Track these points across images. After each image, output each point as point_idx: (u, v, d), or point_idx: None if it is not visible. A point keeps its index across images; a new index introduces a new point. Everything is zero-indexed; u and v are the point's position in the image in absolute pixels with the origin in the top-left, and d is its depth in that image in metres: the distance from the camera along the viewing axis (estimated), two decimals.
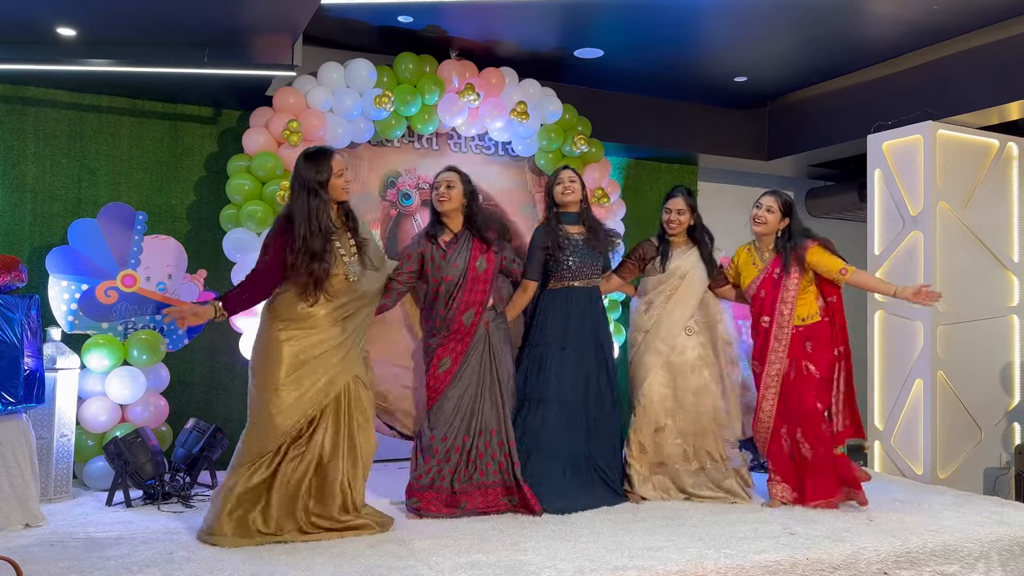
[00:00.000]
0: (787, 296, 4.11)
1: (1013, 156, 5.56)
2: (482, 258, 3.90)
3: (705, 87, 6.10)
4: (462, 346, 3.85)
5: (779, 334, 4.12)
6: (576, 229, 4.19)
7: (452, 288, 3.83)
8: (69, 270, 4.48)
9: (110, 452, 4.07)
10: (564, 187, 4.16)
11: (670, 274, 4.29)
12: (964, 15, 4.80)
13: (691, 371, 4.25)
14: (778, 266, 4.16)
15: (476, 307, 3.86)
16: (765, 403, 4.16)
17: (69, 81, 4.80)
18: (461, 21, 4.95)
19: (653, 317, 4.28)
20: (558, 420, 4.01)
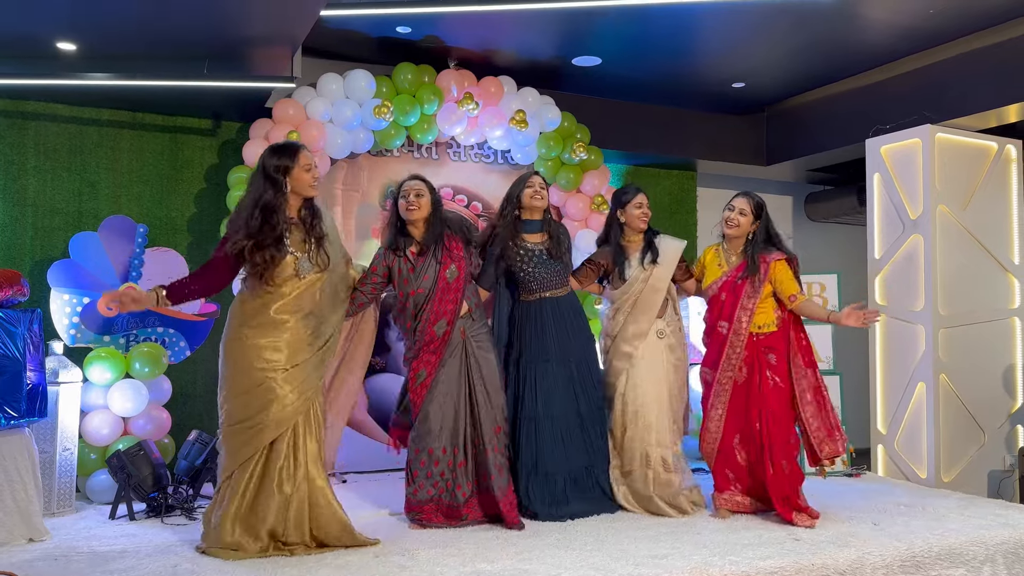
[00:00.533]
0: (748, 303, 4.01)
1: (1012, 158, 5.57)
2: (452, 266, 3.77)
3: (703, 94, 6.12)
4: (436, 357, 3.74)
5: (735, 341, 4.02)
6: (538, 238, 4.11)
7: (422, 300, 3.73)
8: (71, 283, 4.49)
9: (113, 465, 4.07)
10: (535, 191, 4.04)
11: (631, 282, 4.19)
12: (960, 19, 4.82)
13: (660, 374, 4.15)
14: (742, 271, 4.06)
15: (447, 316, 3.73)
16: (714, 411, 4.06)
17: (69, 95, 4.82)
18: (459, 31, 4.97)
19: (619, 323, 4.21)
20: (553, 436, 3.95)
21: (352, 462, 5.12)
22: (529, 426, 3.97)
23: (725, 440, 4.06)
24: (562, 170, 5.58)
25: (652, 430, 4.08)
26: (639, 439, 4.10)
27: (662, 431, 4.09)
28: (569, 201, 5.64)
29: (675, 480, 4.06)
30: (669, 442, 4.11)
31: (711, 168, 6.77)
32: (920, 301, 5.18)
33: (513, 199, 4.09)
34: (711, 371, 4.12)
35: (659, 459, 4.07)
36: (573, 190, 5.63)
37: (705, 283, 4.21)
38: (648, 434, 4.08)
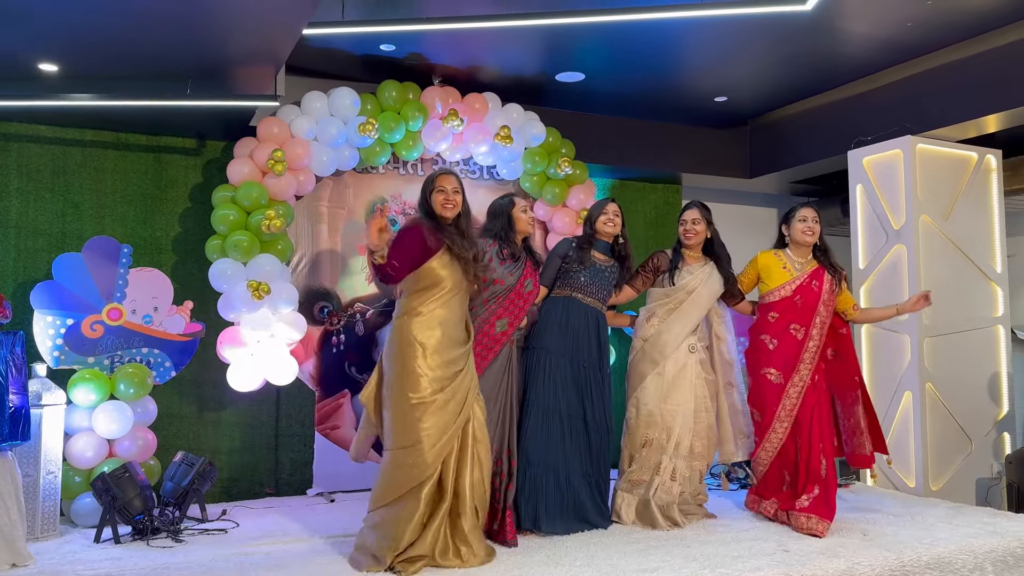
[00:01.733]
0: (823, 309, 4.18)
1: (992, 168, 5.63)
2: (530, 279, 4.06)
3: (686, 108, 6.16)
4: (490, 354, 3.89)
5: (811, 346, 4.15)
6: (603, 257, 4.27)
7: (499, 292, 3.94)
8: (54, 305, 4.45)
9: (97, 488, 4.02)
10: (608, 218, 4.26)
11: (678, 288, 4.29)
12: (938, 31, 4.88)
13: (687, 388, 4.20)
14: (816, 277, 4.23)
15: (512, 318, 3.95)
16: (783, 411, 4.14)
17: (52, 116, 4.80)
18: (443, 48, 4.99)
19: (653, 326, 4.28)
20: (554, 429, 3.99)
21: (340, 481, 5.09)
22: (535, 413, 4.00)
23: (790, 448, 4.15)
24: (548, 185, 5.60)
25: (672, 439, 4.13)
26: (657, 447, 4.13)
27: (682, 443, 4.14)
28: (555, 215, 5.65)
29: (675, 490, 4.09)
30: (686, 454, 4.14)
31: (696, 181, 6.81)
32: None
33: (590, 223, 4.32)
34: (780, 374, 4.17)
35: (670, 468, 4.11)
36: (559, 204, 5.65)
37: (770, 285, 4.30)
38: (667, 442, 4.13)
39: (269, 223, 4.54)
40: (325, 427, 5.15)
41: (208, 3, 3.60)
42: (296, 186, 4.86)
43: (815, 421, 4.12)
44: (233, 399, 5.03)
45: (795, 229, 4.30)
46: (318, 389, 5.19)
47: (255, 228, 4.64)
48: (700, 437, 4.20)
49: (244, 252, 4.61)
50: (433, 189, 3.68)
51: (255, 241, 4.64)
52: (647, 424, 4.16)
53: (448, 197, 3.66)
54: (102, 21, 3.73)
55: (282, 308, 4.67)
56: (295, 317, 4.76)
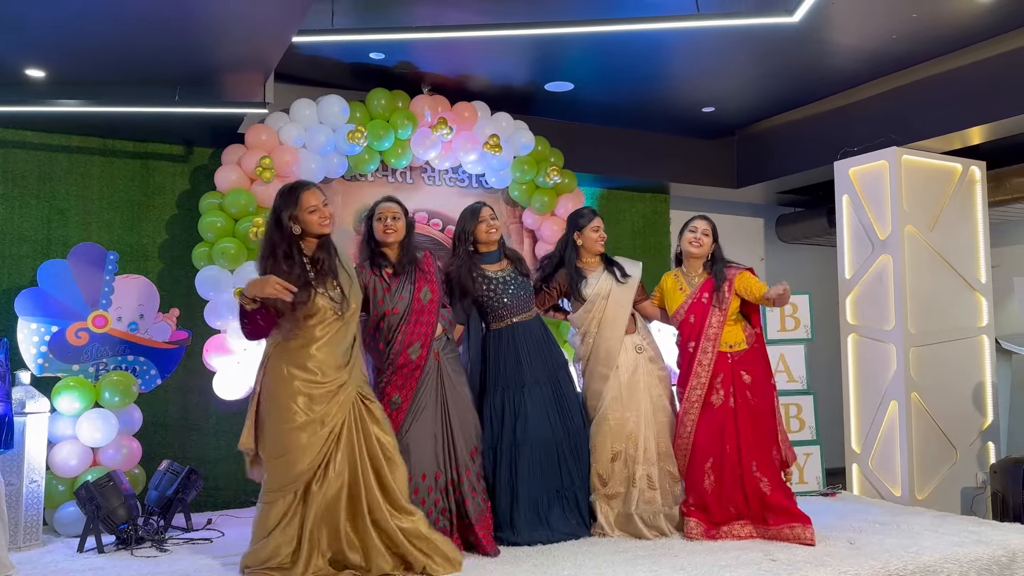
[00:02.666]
0: (714, 320, 4.09)
1: (976, 179, 5.68)
2: (426, 288, 3.77)
3: (674, 118, 6.20)
4: (412, 380, 3.69)
5: (703, 359, 4.07)
6: (499, 266, 4.10)
7: (397, 321, 3.70)
8: (39, 312, 4.42)
9: (81, 497, 3.98)
10: (488, 225, 4.02)
11: (593, 299, 4.19)
12: (922, 44, 4.93)
13: (643, 390, 4.13)
14: (707, 290, 4.14)
15: (423, 339, 3.71)
16: (682, 428, 4.09)
17: (38, 122, 4.77)
18: (432, 57, 5.00)
19: (589, 344, 4.19)
20: (533, 462, 3.91)
21: None
22: (511, 452, 3.91)
23: (696, 462, 4.04)
24: (536, 193, 5.61)
25: (639, 446, 4.05)
26: (627, 459, 4.06)
27: (649, 447, 4.07)
28: (544, 224, 5.66)
29: (657, 499, 4.03)
30: (655, 458, 4.08)
31: (683, 191, 6.84)
32: (890, 320, 5.25)
33: (467, 236, 4.05)
34: (680, 389, 4.15)
35: (644, 476, 4.03)
36: (548, 213, 5.66)
37: (671, 309, 4.26)
38: (636, 451, 4.05)
39: (257, 230, 4.52)
40: None
41: (197, 10, 3.60)
42: None
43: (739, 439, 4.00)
44: (219, 407, 5.00)
45: (684, 240, 4.21)
46: None
47: (243, 235, 4.62)
48: (663, 436, 4.13)
49: (231, 259, 4.59)
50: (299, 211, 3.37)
51: (242, 248, 4.62)
52: (614, 437, 4.08)
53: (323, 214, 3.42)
54: (89, 27, 3.72)
55: None
56: None
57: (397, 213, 3.80)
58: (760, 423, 4.06)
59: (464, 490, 3.71)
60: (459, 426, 3.78)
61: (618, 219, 6.65)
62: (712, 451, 4.02)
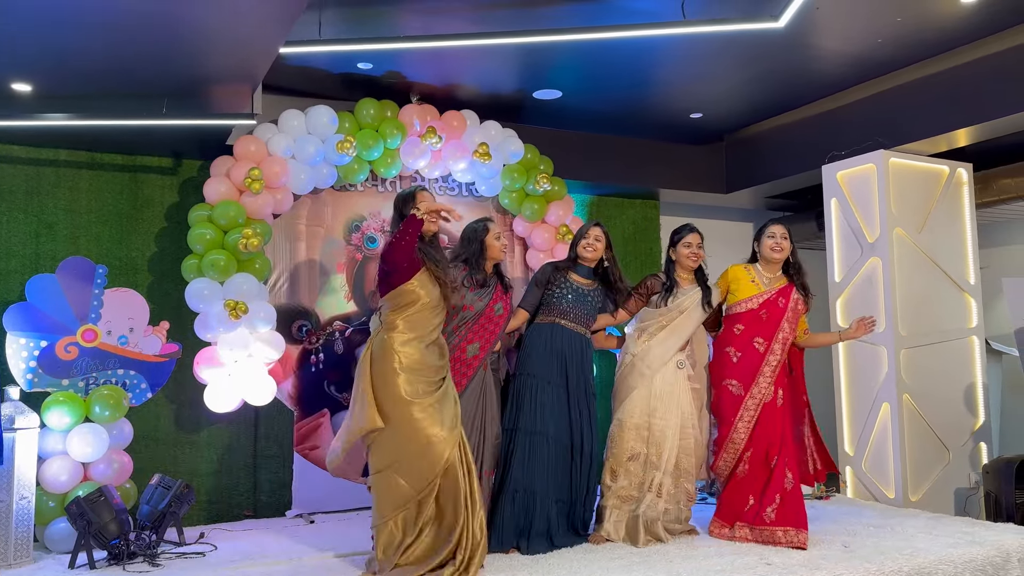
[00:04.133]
0: (787, 326, 4.21)
1: (963, 181, 5.72)
2: (500, 304, 4.06)
3: (662, 124, 6.22)
4: (463, 379, 3.90)
5: (772, 360, 4.17)
6: (585, 281, 4.27)
7: (468, 317, 3.96)
8: (27, 327, 4.39)
9: (72, 512, 3.95)
10: (588, 243, 4.27)
11: (672, 308, 4.31)
12: (907, 47, 4.96)
13: (675, 405, 4.19)
14: (783, 295, 4.26)
15: (483, 343, 3.97)
16: (741, 424, 4.14)
17: (25, 136, 4.75)
18: (420, 66, 5.00)
19: (644, 342, 4.28)
20: (542, 454, 3.98)
21: (319, 502, 5.04)
22: (524, 439, 4.00)
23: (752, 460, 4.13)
24: (526, 201, 5.61)
25: (663, 455, 4.12)
26: (647, 462, 4.13)
27: (671, 458, 4.14)
28: (534, 232, 5.67)
29: (661, 506, 4.09)
30: (673, 470, 4.14)
31: (673, 197, 6.86)
32: (881, 323, 5.27)
33: (573, 246, 4.34)
34: (741, 385, 4.19)
35: (658, 484, 4.10)
36: (538, 221, 5.66)
37: (737, 296, 4.33)
38: (658, 457, 4.12)
39: (246, 242, 4.51)
40: (304, 447, 5.10)
41: (184, 22, 3.59)
42: (273, 204, 4.84)
43: (784, 436, 4.13)
44: (210, 420, 4.97)
45: (764, 245, 4.33)
46: (297, 409, 5.14)
47: (232, 247, 4.61)
48: (687, 453, 4.19)
49: (221, 271, 4.57)
50: (414, 204, 3.66)
51: (232, 260, 4.61)
52: (634, 437, 4.15)
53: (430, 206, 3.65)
54: (76, 41, 3.71)
55: (260, 327, 4.64)
56: (273, 336, 4.73)
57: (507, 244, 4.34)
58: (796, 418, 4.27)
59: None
60: (488, 441, 3.97)
61: (608, 225, 6.52)
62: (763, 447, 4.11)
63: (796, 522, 3.91)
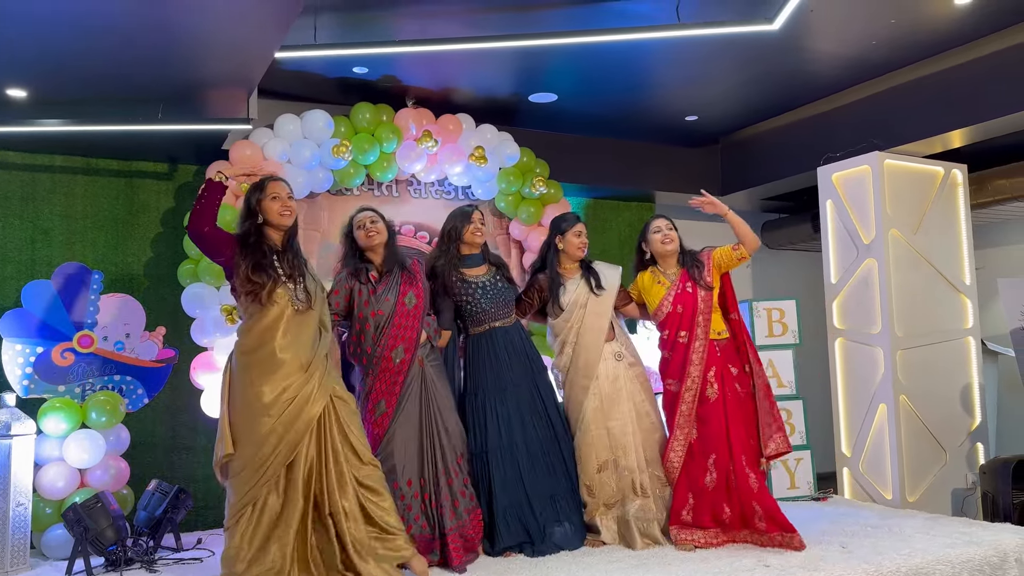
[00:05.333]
0: (703, 306, 4.05)
1: (958, 182, 5.73)
2: (411, 293, 3.79)
3: (658, 127, 6.23)
4: (396, 386, 3.71)
5: (697, 346, 4.02)
6: (480, 270, 4.10)
7: (381, 323, 3.72)
8: (23, 333, 4.38)
9: (69, 519, 3.94)
10: (476, 228, 4.05)
11: (571, 308, 4.16)
12: (902, 49, 4.98)
13: (625, 397, 4.10)
14: (688, 279, 4.12)
15: (406, 342, 3.73)
16: (682, 419, 4.00)
17: (20, 142, 4.75)
18: (416, 70, 5.01)
19: (568, 354, 4.16)
20: (516, 465, 3.92)
21: None
22: (494, 457, 3.92)
23: (696, 460, 3.98)
24: (522, 204, 5.62)
25: (631, 455, 4.03)
26: (619, 468, 4.03)
27: (639, 455, 4.04)
28: (531, 235, 5.67)
29: (651, 506, 4.01)
30: (644, 464, 4.04)
31: (669, 199, 6.87)
32: (877, 324, 5.28)
33: (454, 235, 4.07)
34: (677, 382, 4.05)
35: (637, 484, 4.01)
36: (534, 224, 5.66)
37: (653, 304, 4.19)
38: (626, 459, 4.03)
39: None
40: None
41: (179, 27, 3.60)
42: None
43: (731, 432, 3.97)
44: (207, 425, 4.95)
45: (653, 241, 4.18)
46: None
47: None
48: (649, 442, 4.09)
49: (217, 276, 4.57)
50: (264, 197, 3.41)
51: None
52: (599, 447, 4.05)
53: (285, 203, 3.44)
54: (71, 46, 3.71)
55: None
56: None
57: (375, 218, 3.86)
58: (746, 415, 4.02)
59: (441, 499, 3.69)
60: (444, 433, 3.78)
61: (604, 228, 6.67)
62: (714, 447, 3.97)
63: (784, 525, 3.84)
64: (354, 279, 3.80)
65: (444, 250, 4.09)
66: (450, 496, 3.72)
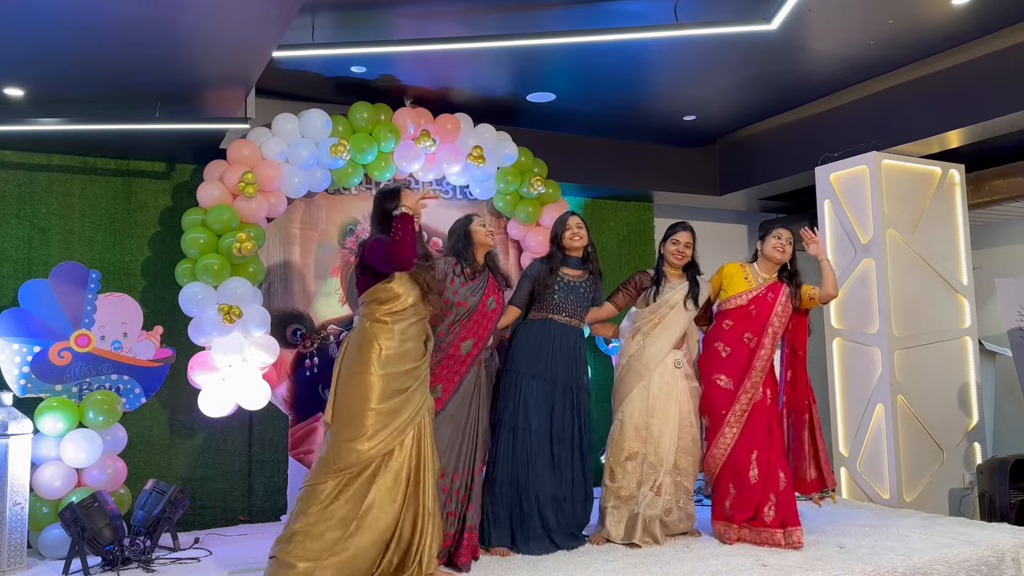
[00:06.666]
0: (776, 320, 4.21)
1: (955, 182, 5.74)
2: (493, 298, 4.03)
3: (656, 127, 6.23)
4: (456, 376, 3.88)
5: (762, 354, 4.18)
6: (576, 272, 4.28)
7: (461, 314, 3.93)
8: (20, 332, 4.37)
9: (66, 518, 3.93)
10: (572, 233, 4.26)
11: (660, 304, 4.32)
12: (899, 49, 4.98)
13: (674, 403, 4.20)
14: (772, 291, 4.28)
15: (476, 339, 3.93)
16: (732, 417, 4.15)
17: (17, 141, 4.74)
18: (414, 70, 5.00)
19: (638, 342, 4.30)
20: (524, 450, 3.99)
21: None
22: (507, 435, 4.02)
23: (740, 455, 4.11)
24: (521, 204, 5.62)
25: (661, 454, 4.13)
26: (645, 461, 4.13)
27: (669, 457, 4.15)
28: (529, 234, 5.67)
29: (659, 505, 4.09)
30: (672, 469, 4.16)
31: (667, 199, 6.87)
32: (875, 323, 5.28)
33: (557, 239, 4.31)
34: (730, 380, 4.19)
35: (658, 483, 4.11)
36: (533, 223, 5.66)
37: (728, 293, 4.35)
38: (655, 456, 4.13)
39: (240, 246, 4.50)
40: (299, 452, 5.09)
41: (176, 27, 3.59)
42: (267, 208, 4.83)
43: (772, 436, 4.14)
44: (205, 425, 4.96)
45: (768, 244, 4.38)
46: (291, 413, 5.13)
47: (226, 251, 4.60)
48: (685, 452, 4.20)
49: (215, 275, 4.56)
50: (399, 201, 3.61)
51: (226, 264, 4.59)
52: (633, 437, 4.17)
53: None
54: (68, 45, 3.70)
55: (254, 331, 4.63)
56: (267, 340, 4.71)
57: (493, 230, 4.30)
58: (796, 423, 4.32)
59: (472, 494, 3.80)
60: (480, 435, 3.92)
61: (602, 228, 6.67)
62: (757, 444, 4.10)
63: (791, 521, 3.94)
64: (452, 266, 4.01)
65: (551, 253, 4.31)
66: (478, 495, 3.82)
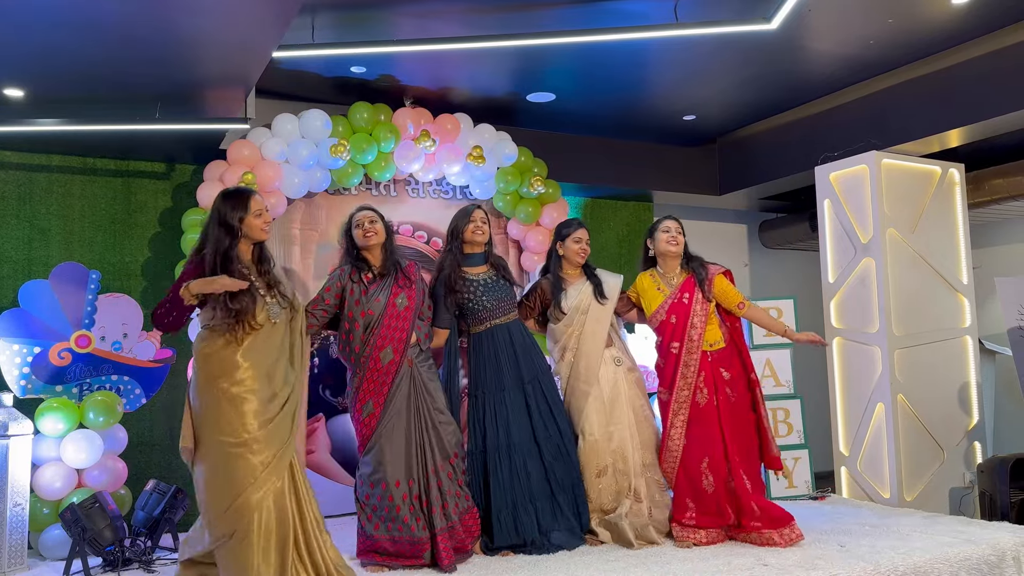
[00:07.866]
0: (696, 321, 4.11)
1: (955, 182, 5.74)
2: (403, 295, 3.80)
3: (656, 126, 6.23)
4: (384, 387, 3.70)
5: (688, 359, 4.08)
6: (481, 270, 4.13)
7: (371, 323, 3.73)
8: (21, 333, 4.37)
9: (66, 519, 3.93)
10: (476, 226, 4.09)
11: (572, 313, 4.19)
12: (899, 48, 4.99)
13: (625, 402, 4.14)
14: (687, 290, 4.16)
15: (395, 344, 3.73)
16: (674, 431, 4.07)
17: (17, 141, 4.74)
18: (414, 70, 5.00)
19: (569, 360, 4.19)
20: (516, 465, 3.93)
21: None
22: (492, 457, 3.93)
23: (691, 464, 4.04)
24: (521, 204, 5.62)
25: (628, 460, 4.07)
26: (616, 472, 4.07)
27: (636, 459, 4.08)
28: (529, 234, 5.67)
29: (644, 511, 4.04)
30: (642, 470, 4.09)
31: (666, 199, 6.88)
32: (875, 323, 5.28)
33: (457, 233, 4.11)
34: (667, 391, 4.13)
35: (632, 488, 4.05)
36: (533, 223, 5.66)
37: (649, 310, 4.25)
38: (624, 464, 4.07)
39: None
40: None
41: (176, 27, 3.59)
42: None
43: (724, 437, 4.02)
44: None
45: (659, 240, 4.22)
46: None
47: None
48: (648, 448, 4.13)
49: None
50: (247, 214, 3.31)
51: None
52: (598, 452, 4.08)
53: (267, 219, 3.38)
54: (68, 45, 3.70)
55: None
56: None
57: (374, 218, 3.89)
58: (740, 420, 4.09)
59: (431, 499, 3.67)
60: (434, 433, 3.76)
61: (602, 228, 6.67)
62: (706, 451, 4.03)
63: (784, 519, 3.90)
64: (348, 278, 3.82)
65: (448, 249, 4.14)
66: (440, 497, 3.70)
